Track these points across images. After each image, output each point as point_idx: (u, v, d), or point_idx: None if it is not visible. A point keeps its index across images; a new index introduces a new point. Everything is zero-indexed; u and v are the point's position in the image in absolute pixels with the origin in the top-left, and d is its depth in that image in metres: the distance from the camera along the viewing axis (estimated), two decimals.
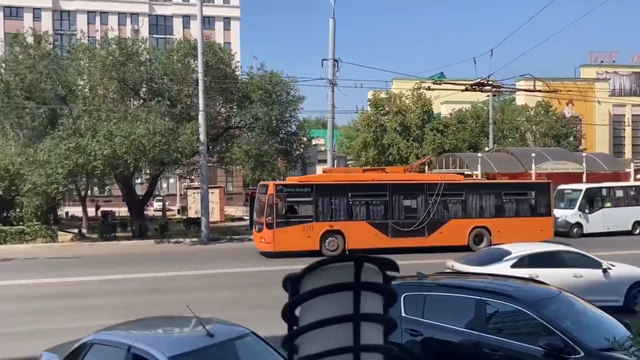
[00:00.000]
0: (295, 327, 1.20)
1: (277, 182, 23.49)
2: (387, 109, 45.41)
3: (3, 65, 28.58)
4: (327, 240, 21.43)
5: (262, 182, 23.81)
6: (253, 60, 68.73)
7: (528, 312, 6.88)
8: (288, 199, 21.34)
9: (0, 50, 36.16)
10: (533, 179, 29.92)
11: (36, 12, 64.28)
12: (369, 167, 28.05)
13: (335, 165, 30.22)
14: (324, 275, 1.20)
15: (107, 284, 16.52)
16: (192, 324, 6.34)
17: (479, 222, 23.03)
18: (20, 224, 30.71)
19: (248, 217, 37.26)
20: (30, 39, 29.93)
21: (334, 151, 31.89)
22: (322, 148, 60.04)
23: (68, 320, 11.76)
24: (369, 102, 47.17)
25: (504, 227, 22.49)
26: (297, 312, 1.21)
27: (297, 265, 1.60)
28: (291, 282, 1.22)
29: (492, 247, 16.92)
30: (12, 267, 20.72)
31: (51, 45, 30.84)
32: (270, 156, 29.83)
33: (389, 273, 1.28)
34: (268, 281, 16.39)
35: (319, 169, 51.54)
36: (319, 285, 1.18)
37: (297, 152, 34.11)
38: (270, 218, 21.00)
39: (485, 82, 25.19)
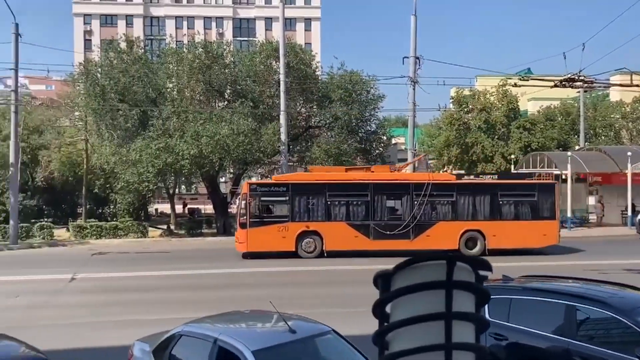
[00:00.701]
0: (386, 324, 1.20)
1: (252, 181, 23.03)
2: (470, 106, 44.24)
3: (99, 70, 30.30)
4: (303, 241, 20.87)
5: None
6: (333, 60, 69.29)
7: (623, 319, 6.46)
8: (263, 199, 20.94)
9: (97, 55, 38.55)
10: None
11: (129, 19, 67.94)
12: (352, 167, 26.27)
13: (416, 164, 29.77)
14: (415, 273, 1.18)
15: (194, 278, 17.18)
16: (274, 319, 6.46)
17: (472, 224, 21.42)
18: (114, 219, 32.61)
19: None
20: (123, 45, 31.55)
21: (415, 150, 31.51)
22: (403, 147, 59.43)
23: (158, 312, 12.32)
24: (451, 100, 46.19)
25: (501, 231, 21.09)
26: (388, 308, 1.20)
27: (377, 266, 1.58)
28: (382, 279, 1.21)
29: None
30: (107, 260, 22.01)
31: (142, 50, 32.44)
32: (349, 155, 29.93)
33: (481, 272, 1.25)
34: (346, 280, 16.47)
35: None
36: (411, 282, 1.17)
37: (377, 151, 33.97)
38: (243, 218, 20.79)
39: (576, 78, 23.93)
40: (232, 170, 35.16)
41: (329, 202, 21.00)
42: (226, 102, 30.48)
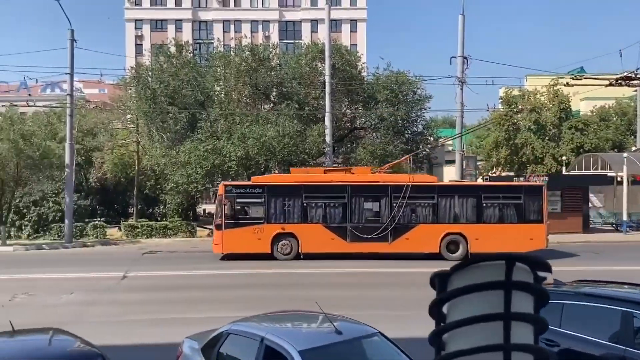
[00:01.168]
0: (442, 324, 1.18)
1: (227, 182, 22.55)
2: (520, 106, 43.21)
3: (150, 73, 31.15)
4: (279, 243, 20.73)
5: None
6: (379, 61, 69.24)
7: None
8: (238, 200, 20.68)
9: (148, 59, 39.57)
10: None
11: (178, 24, 69.54)
12: (331, 168, 25.93)
13: (464, 166, 29.34)
14: (473, 273, 1.16)
15: (240, 277, 17.41)
16: (320, 320, 6.46)
17: (453, 227, 20.91)
18: (164, 219, 33.40)
19: None
20: (173, 49, 32.31)
21: (463, 151, 31.06)
22: (450, 148, 58.65)
23: (206, 310, 12.53)
24: (500, 100, 45.24)
25: (484, 234, 20.54)
26: (445, 309, 1.19)
27: (427, 268, 1.56)
28: (439, 279, 1.20)
29: None
30: (158, 259, 22.56)
31: (191, 54, 33.13)
32: (395, 157, 29.69)
33: (540, 274, 1.22)
34: (392, 283, 16.34)
35: (446, 169, 50.34)
36: (468, 283, 1.15)
37: (424, 152, 33.62)
38: (219, 219, 20.71)
39: (633, 76, 23.06)
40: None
41: (305, 204, 20.77)
42: (272, 104, 30.81)
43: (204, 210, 48.37)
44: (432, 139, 34.55)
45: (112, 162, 35.43)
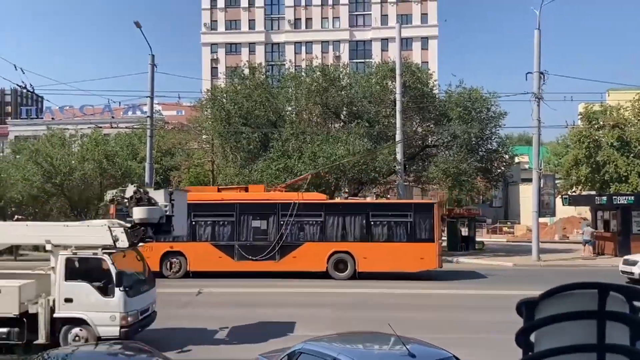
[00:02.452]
0: (530, 353, 1.12)
1: None
2: (601, 122, 41.24)
3: (225, 95, 32.09)
4: (168, 262, 20.57)
5: None
6: (451, 78, 68.26)
7: None
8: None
9: (223, 82, 40.88)
10: None
11: (251, 47, 71.66)
12: (226, 187, 25.63)
13: (541, 185, 28.23)
14: (563, 301, 1.10)
15: (311, 296, 17.41)
16: (392, 342, 6.35)
17: (341, 246, 20.61)
18: None
19: (445, 238, 36.73)
20: (246, 71, 33.24)
21: (540, 169, 29.90)
22: (526, 166, 56.70)
23: (277, 328, 12.61)
24: (580, 116, 43.33)
25: (373, 253, 20.25)
26: (532, 337, 1.13)
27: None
28: (526, 307, 1.14)
29: None
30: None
31: (264, 76, 33.89)
32: (469, 175, 28.99)
33: (637, 303, 1.14)
34: (466, 305, 15.85)
35: (523, 188, 48.69)
36: (558, 311, 1.09)
37: (499, 170, 32.65)
38: None
39: None
40: (347, 190, 35.50)
41: (193, 222, 20.25)
42: (342, 123, 30.95)
43: None
44: (507, 156, 33.45)
45: (189, 181, 36.67)
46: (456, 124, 29.01)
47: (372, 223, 21.02)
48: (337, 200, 23.64)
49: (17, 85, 24.46)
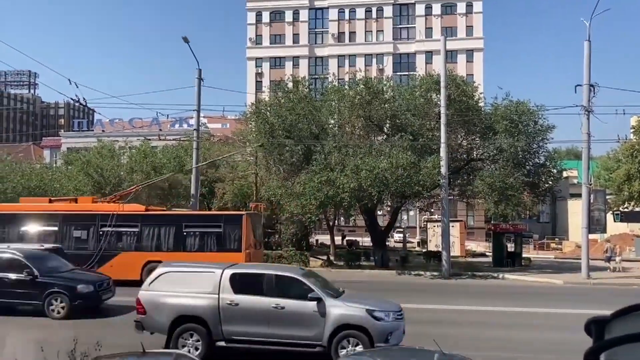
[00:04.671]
0: None
1: None
2: None
3: (269, 108, 32.41)
4: None
5: None
6: (497, 91, 67.16)
7: None
8: None
9: (267, 95, 41.39)
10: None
11: (295, 60, 72.40)
12: (57, 198, 26.23)
13: (591, 200, 27.36)
14: (637, 321, 1.03)
15: None
16: (435, 359, 6.22)
17: (155, 256, 20.96)
18: (279, 248, 34.28)
19: (491, 253, 35.93)
20: (290, 85, 33.50)
21: (590, 184, 28.97)
22: (575, 181, 55.12)
23: None
24: (632, 129, 41.98)
25: None
26: (603, 358, 1.06)
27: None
28: (596, 326, 1.07)
29: None
30: None
31: (307, 89, 34.05)
32: (515, 189, 28.28)
33: None
34: (513, 323, 15.41)
35: (571, 203, 47.35)
36: (632, 331, 1.02)
37: (546, 185, 31.75)
38: None
39: None
40: (390, 204, 35.19)
41: (21, 232, 21.96)
42: (385, 136, 30.76)
43: (317, 240, 49.11)
44: (555, 171, 32.54)
45: (233, 193, 37.13)
46: (502, 137, 28.43)
47: (184, 234, 21.90)
48: (154, 212, 24.12)
49: (71, 98, 25.43)
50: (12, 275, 14.81)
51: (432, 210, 41.27)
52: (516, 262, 32.11)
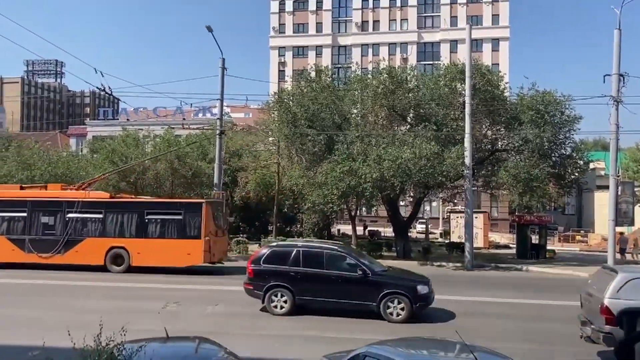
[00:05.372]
0: None
1: None
2: None
3: (291, 98, 32.36)
4: None
5: None
6: (523, 81, 66.45)
7: None
8: None
9: (289, 85, 41.34)
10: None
11: (318, 49, 72.17)
12: (28, 185, 26.77)
13: (619, 192, 26.84)
14: None
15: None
16: (457, 349, 6.18)
17: (118, 242, 22.17)
18: (301, 237, 34.38)
19: (514, 245, 35.56)
20: (313, 74, 33.36)
21: (618, 176, 28.37)
22: (602, 172, 54.09)
23: (342, 330, 12.57)
24: None
25: (145, 249, 21.77)
26: (637, 348, 1.02)
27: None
28: (627, 317, 1.04)
29: None
30: None
31: (330, 79, 33.85)
32: (541, 181, 27.84)
33: None
34: (537, 315, 15.24)
35: (598, 195, 46.59)
36: None
37: (572, 176, 31.20)
38: None
39: None
40: (412, 194, 34.97)
41: None
42: (409, 126, 30.51)
43: (338, 230, 49.14)
44: (581, 162, 31.95)
45: (255, 182, 37.27)
46: (528, 127, 27.98)
47: (146, 220, 22.44)
48: (117, 199, 24.31)
49: (97, 87, 25.67)
50: (345, 274, 13.95)
51: (456, 201, 40.88)
52: (540, 254, 31.76)
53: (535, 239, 33.66)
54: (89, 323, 6.45)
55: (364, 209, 47.07)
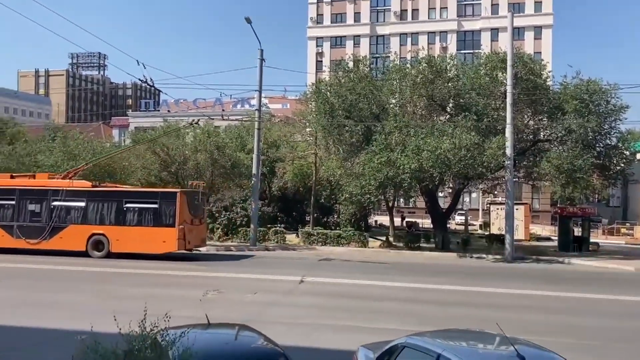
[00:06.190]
0: None
1: None
2: None
3: (329, 88, 32.31)
4: None
5: None
6: (567, 69, 64.48)
7: None
8: None
9: (327, 75, 41.27)
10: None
11: (356, 39, 71.71)
12: (19, 174, 27.83)
13: None
14: None
15: (414, 292, 17.19)
16: (498, 342, 6.09)
17: (98, 229, 23.43)
18: (337, 228, 34.44)
19: (556, 238, 34.79)
20: (350, 64, 33.21)
21: None
22: None
23: (378, 320, 12.58)
24: None
25: (124, 236, 23.00)
26: None
27: None
28: None
29: None
30: (333, 266, 23.26)
31: (368, 68, 33.64)
32: (584, 172, 27.12)
33: None
34: (579, 309, 14.93)
35: None
36: None
37: (617, 167, 30.28)
38: None
39: None
40: (452, 185, 34.56)
41: None
42: (448, 116, 30.11)
43: (375, 221, 49.00)
44: (627, 153, 30.92)
45: (292, 173, 37.47)
46: (572, 117, 27.25)
47: (125, 209, 23.53)
48: (99, 188, 25.28)
49: (139, 79, 26.20)
50: None
51: (496, 192, 40.20)
52: (583, 247, 31.03)
53: (578, 231, 32.87)
54: (127, 309, 6.63)
55: (401, 200, 46.77)
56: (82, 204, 23.91)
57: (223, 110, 45.40)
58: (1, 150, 38.48)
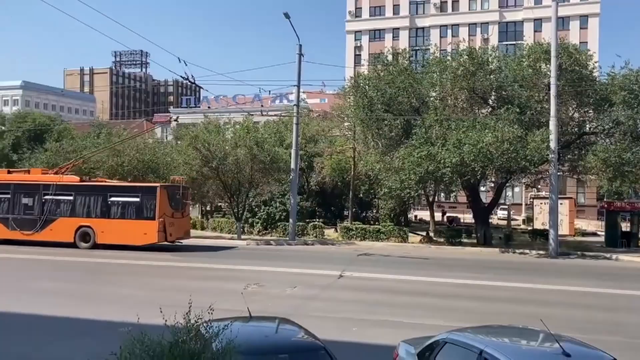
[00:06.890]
0: None
1: None
2: None
3: (367, 82, 32.12)
4: None
5: None
6: (615, 59, 62.28)
7: None
8: None
9: (366, 69, 41.04)
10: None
11: (395, 32, 71.08)
12: (15, 169, 29.93)
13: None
14: None
15: (455, 287, 17.00)
16: (542, 338, 5.98)
17: (85, 221, 24.96)
18: (376, 223, 34.32)
19: (602, 233, 33.80)
20: (389, 57, 32.92)
21: None
22: None
23: (417, 316, 12.49)
24: None
25: (108, 228, 24.42)
26: None
27: None
28: None
29: None
30: (372, 261, 23.20)
31: (407, 61, 33.27)
32: (633, 165, 26.24)
33: None
34: (626, 307, 14.48)
35: None
36: None
37: None
38: None
39: None
40: (494, 179, 33.95)
41: None
42: (490, 109, 29.53)
43: (415, 216, 48.60)
44: None
45: (331, 167, 37.48)
46: (620, 109, 26.36)
47: (109, 202, 25.01)
48: (86, 183, 26.58)
49: (180, 76, 26.65)
50: None
51: (539, 186, 39.31)
52: (632, 243, 30.04)
53: (626, 226, 31.84)
54: (167, 301, 6.77)
55: (442, 194, 46.23)
56: (71, 197, 25.48)
57: (262, 105, 45.82)
58: (49, 147, 39.69)
